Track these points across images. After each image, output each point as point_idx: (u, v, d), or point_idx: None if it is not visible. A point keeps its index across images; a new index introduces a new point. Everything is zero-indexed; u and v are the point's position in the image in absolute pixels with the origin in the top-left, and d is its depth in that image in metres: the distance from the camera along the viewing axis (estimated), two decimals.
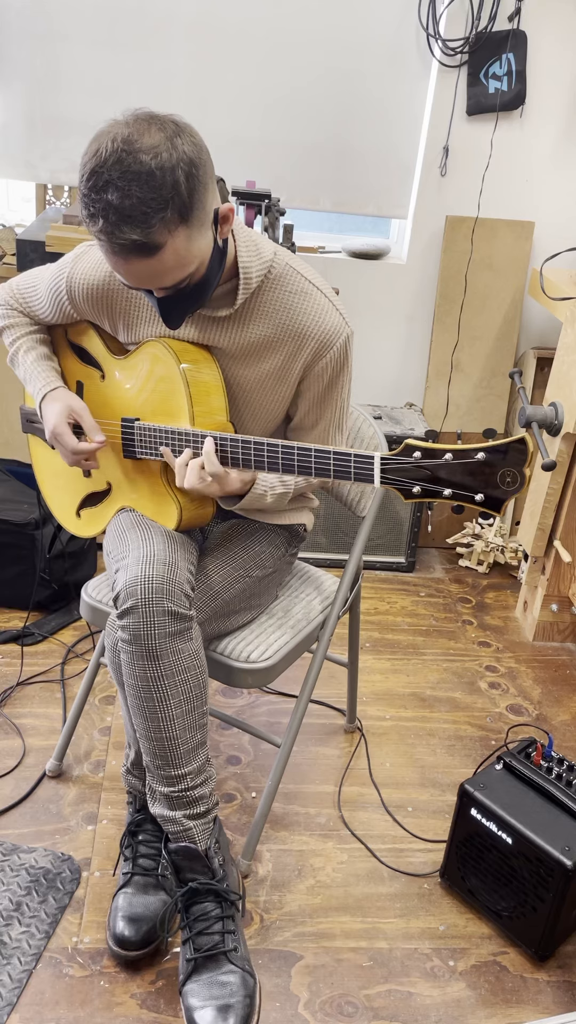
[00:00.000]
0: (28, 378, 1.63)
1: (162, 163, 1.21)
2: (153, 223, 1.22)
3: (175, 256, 1.28)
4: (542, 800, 1.67)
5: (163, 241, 1.25)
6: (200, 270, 1.34)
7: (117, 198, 1.21)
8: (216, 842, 1.54)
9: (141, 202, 1.21)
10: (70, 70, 2.63)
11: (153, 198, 1.21)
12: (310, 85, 2.68)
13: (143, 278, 1.31)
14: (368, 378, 3.02)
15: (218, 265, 1.38)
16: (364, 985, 1.59)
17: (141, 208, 1.21)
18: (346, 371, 1.55)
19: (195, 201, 1.25)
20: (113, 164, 1.20)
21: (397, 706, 2.30)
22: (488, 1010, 1.57)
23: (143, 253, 1.26)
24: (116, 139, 1.21)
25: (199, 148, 1.26)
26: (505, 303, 2.88)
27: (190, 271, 1.32)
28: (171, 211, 1.23)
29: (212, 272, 1.37)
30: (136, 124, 1.23)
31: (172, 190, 1.22)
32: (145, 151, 1.20)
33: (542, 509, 2.50)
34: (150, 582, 1.44)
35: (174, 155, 1.22)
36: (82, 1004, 1.51)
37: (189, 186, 1.23)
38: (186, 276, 1.32)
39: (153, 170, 1.20)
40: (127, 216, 1.22)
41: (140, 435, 1.54)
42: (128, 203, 1.21)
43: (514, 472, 1.23)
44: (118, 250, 1.26)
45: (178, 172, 1.22)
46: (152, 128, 1.22)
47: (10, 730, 2.09)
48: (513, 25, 2.61)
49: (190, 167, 1.23)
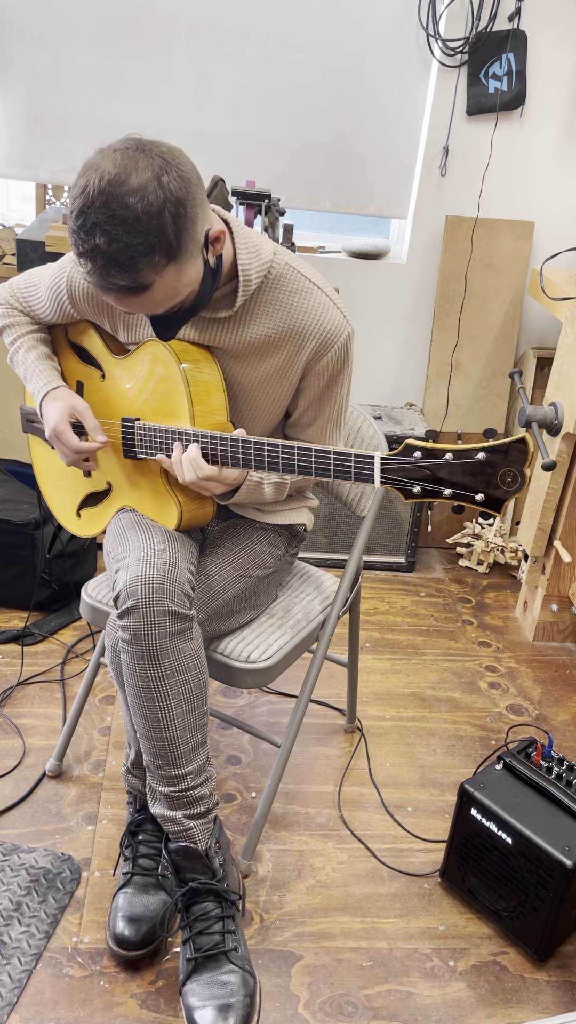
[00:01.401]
0: (28, 377, 1.63)
1: (148, 206, 1.21)
2: (140, 267, 1.24)
3: (164, 291, 1.30)
4: (542, 800, 1.67)
5: (151, 281, 1.27)
6: (191, 296, 1.36)
7: (104, 242, 1.22)
8: (216, 842, 1.54)
9: (128, 247, 1.22)
10: (70, 70, 2.63)
11: (139, 243, 1.22)
12: (310, 85, 2.68)
13: (135, 308, 1.34)
14: (368, 378, 3.02)
15: (211, 282, 1.39)
16: (364, 985, 1.59)
17: (128, 253, 1.23)
18: (346, 369, 1.55)
19: (182, 240, 1.26)
20: (100, 207, 1.21)
21: (397, 706, 2.30)
22: (488, 1010, 1.57)
23: (132, 293, 1.28)
24: (103, 178, 1.21)
25: (187, 182, 1.26)
26: (505, 303, 2.88)
27: (181, 299, 1.35)
28: (158, 255, 1.24)
29: (205, 290, 1.38)
30: (123, 161, 1.22)
31: (158, 234, 1.23)
32: (131, 193, 1.21)
33: (542, 509, 2.50)
34: (150, 582, 1.44)
35: (160, 195, 1.22)
36: (82, 1004, 1.51)
37: (176, 226, 1.24)
38: (177, 303, 1.35)
39: (139, 215, 1.21)
40: (114, 261, 1.23)
41: (140, 435, 1.54)
42: (115, 247, 1.22)
43: (514, 472, 1.23)
44: (106, 291, 1.29)
45: (165, 215, 1.23)
46: (140, 165, 1.22)
47: (10, 730, 2.09)
48: (513, 25, 2.61)
49: (177, 206, 1.24)
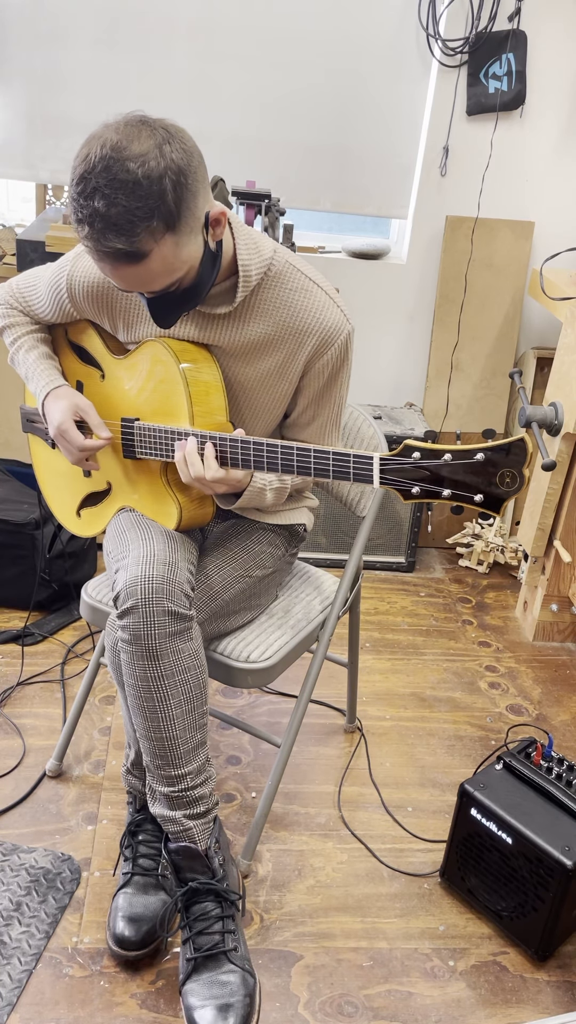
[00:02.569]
0: (30, 376, 1.63)
1: (149, 172, 1.21)
2: (138, 232, 1.23)
3: (162, 262, 1.29)
4: (542, 800, 1.67)
5: (149, 249, 1.26)
6: (190, 274, 1.35)
7: (103, 206, 1.22)
8: (216, 842, 1.54)
9: (127, 211, 1.22)
10: (70, 70, 2.63)
11: (139, 207, 1.22)
12: (310, 85, 2.68)
13: (131, 282, 1.32)
14: (368, 378, 3.02)
15: (210, 268, 1.38)
16: (364, 985, 1.59)
17: (127, 217, 1.22)
18: (346, 368, 1.55)
19: (182, 209, 1.26)
20: (101, 171, 1.21)
21: (397, 706, 2.30)
22: (488, 1010, 1.57)
23: (129, 260, 1.27)
24: (105, 145, 1.22)
25: (189, 154, 1.26)
26: (505, 303, 2.88)
27: (179, 276, 1.33)
28: (157, 220, 1.24)
29: (204, 275, 1.37)
30: (126, 129, 1.23)
31: (158, 199, 1.22)
32: (133, 159, 1.21)
33: (542, 509, 2.50)
34: (150, 582, 1.44)
35: (162, 163, 1.22)
36: (82, 1004, 1.51)
37: (176, 195, 1.24)
38: (175, 281, 1.34)
39: (140, 179, 1.21)
40: (113, 224, 1.23)
41: (140, 435, 1.54)
42: (114, 211, 1.22)
43: (513, 472, 1.23)
44: (103, 256, 1.28)
45: (165, 181, 1.22)
46: (142, 134, 1.23)
47: (10, 730, 2.09)
48: (513, 25, 2.61)
49: (178, 175, 1.24)
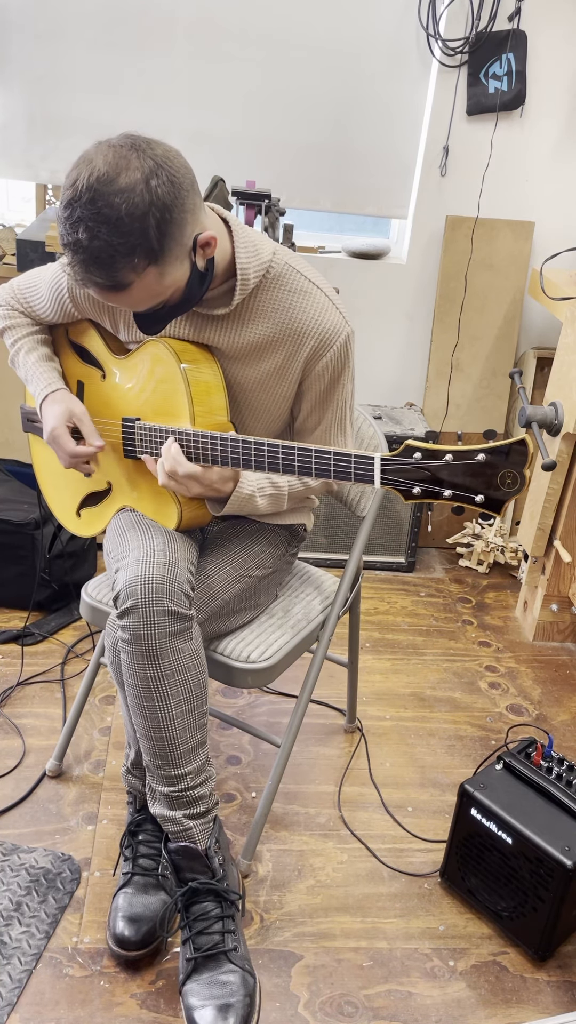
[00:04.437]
0: (29, 378, 1.63)
1: (132, 209, 1.22)
2: (118, 267, 1.25)
3: (145, 290, 1.31)
4: (542, 800, 1.67)
5: (129, 281, 1.28)
6: (176, 295, 1.37)
7: (86, 238, 1.23)
8: (216, 842, 1.54)
9: (108, 246, 1.23)
10: (70, 70, 2.63)
11: (120, 243, 1.23)
12: (310, 85, 2.68)
13: (116, 304, 1.35)
14: (368, 378, 3.02)
15: (198, 286, 1.39)
16: (364, 985, 1.59)
17: (108, 252, 1.23)
18: (347, 371, 1.55)
19: (166, 243, 1.27)
20: (87, 202, 1.22)
21: (397, 706, 2.30)
22: (488, 1010, 1.57)
23: (110, 290, 1.29)
24: (93, 174, 1.22)
25: (177, 187, 1.26)
26: (505, 303, 2.88)
27: (163, 299, 1.35)
28: (138, 257, 1.25)
29: (191, 292, 1.38)
30: (115, 159, 1.23)
31: (140, 236, 1.23)
32: (117, 193, 1.21)
33: (542, 509, 2.50)
34: (150, 582, 1.44)
35: (147, 198, 1.22)
36: (82, 1004, 1.51)
37: (160, 231, 1.25)
38: (160, 303, 1.35)
39: (122, 216, 1.22)
40: (94, 258, 1.24)
41: (141, 435, 1.54)
42: (96, 245, 1.23)
43: (514, 473, 1.23)
44: (85, 285, 1.30)
45: (148, 219, 1.23)
46: (131, 165, 1.22)
47: (10, 730, 2.09)
48: (513, 25, 2.61)
49: (163, 211, 1.24)
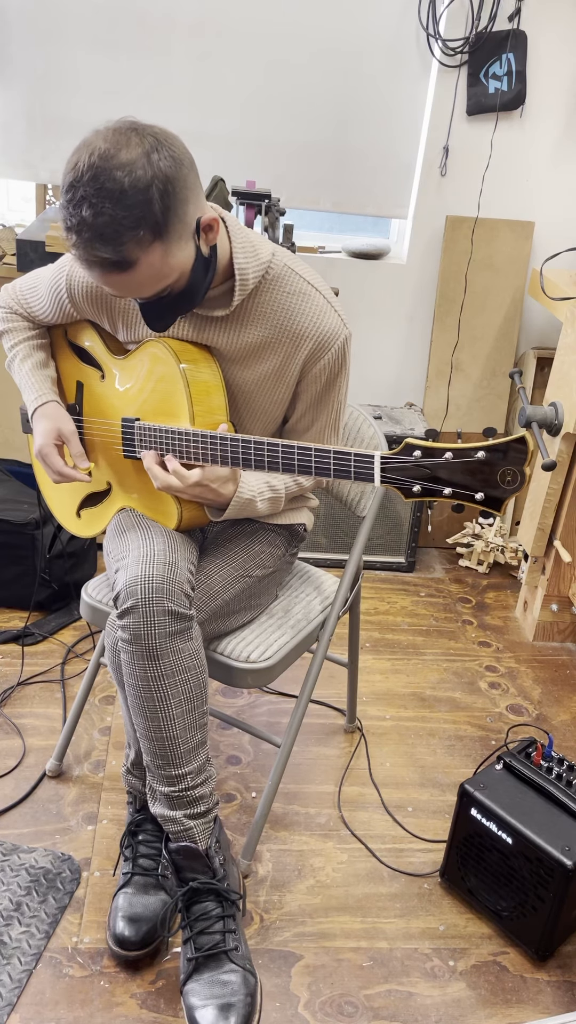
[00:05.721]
0: (23, 387, 1.65)
1: (136, 181, 1.21)
2: (124, 241, 1.24)
3: (150, 270, 1.29)
4: (542, 800, 1.66)
5: (136, 258, 1.26)
6: (181, 280, 1.35)
7: (91, 215, 1.22)
8: (216, 842, 1.54)
9: (113, 220, 1.22)
10: (70, 70, 2.63)
11: (125, 216, 1.22)
12: (310, 85, 2.68)
13: (120, 289, 1.33)
14: (368, 378, 3.02)
15: (203, 273, 1.38)
16: (364, 985, 1.59)
17: (113, 227, 1.23)
18: (344, 373, 1.55)
19: (170, 218, 1.26)
20: (89, 180, 1.22)
21: (397, 706, 2.30)
22: (488, 1010, 1.57)
23: (116, 269, 1.28)
24: (94, 153, 1.22)
25: (178, 162, 1.26)
26: (505, 303, 2.88)
27: (169, 282, 1.33)
28: (144, 229, 1.24)
29: (196, 280, 1.37)
30: (115, 137, 1.23)
31: (145, 208, 1.23)
32: (120, 168, 1.21)
33: (542, 509, 2.50)
34: (150, 582, 1.44)
35: (149, 172, 1.22)
36: (82, 1004, 1.51)
37: (164, 204, 1.24)
38: (165, 287, 1.34)
39: (126, 188, 1.21)
40: (99, 234, 1.23)
41: (140, 435, 1.54)
42: (100, 221, 1.22)
43: (514, 471, 1.23)
44: (91, 265, 1.28)
45: (152, 191, 1.23)
46: (131, 142, 1.23)
47: (10, 730, 2.09)
48: (513, 25, 2.61)
49: (166, 184, 1.24)
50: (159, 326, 1.42)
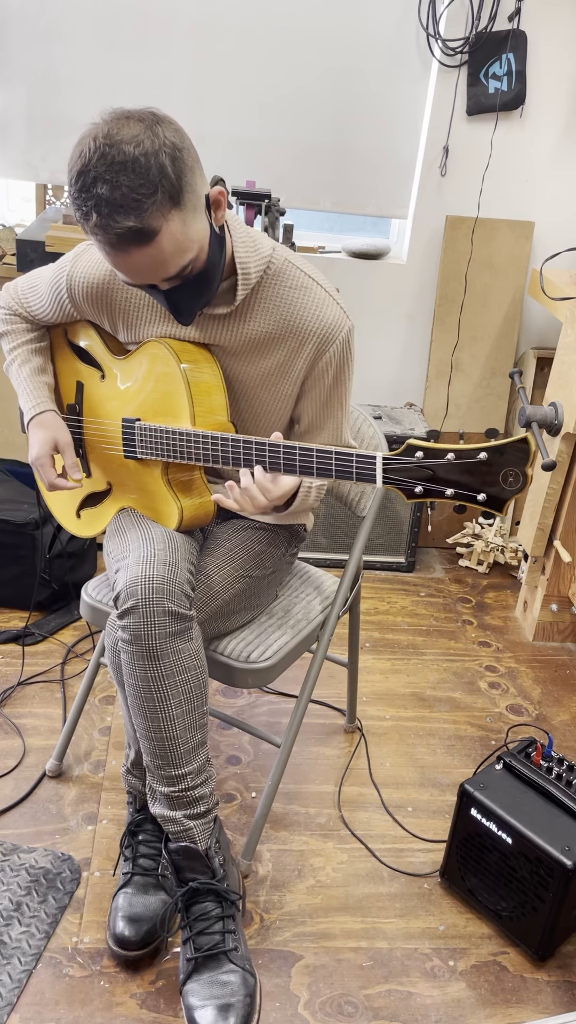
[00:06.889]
0: (20, 392, 1.65)
1: (145, 150, 1.22)
2: (146, 207, 1.23)
3: (173, 241, 1.28)
4: (542, 800, 1.67)
5: (158, 226, 1.25)
6: (201, 256, 1.34)
7: (107, 190, 1.22)
8: (216, 842, 1.54)
9: (131, 190, 1.22)
10: (70, 70, 2.63)
11: (142, 183, 1.22)
12: (310, 85, 2.67)
13: (145, 271, 1.31)
14: (368, 378, 3.02)
15: (219, 250, 1.38)
16: (364, 985, 1.59)
17: (132, 195, 1.22)
18: (348, 366, 1.55)
19: (184, 183, 1.26)
20: (98, 160, 1.22)
21: (397, 706, 2.30)
22: (488, 1010, 1.57)
23: (140, 241, 1.26)
24: (97, 138, 1.23)
25: (180, 134, 1.27)
26: (505, 303, 2.88)
27: (191, 256, 1.32)
28: (161, 194, 1.24)
29: (214, 259, 1.37)
30: (114, 120, 1.24)
31: (159, 173, 1.23)
32: (127, 142, 1.22)
33: (542, 509, 2.50)
34: (150, 582, 1.43)
35: (156, 141, 1.23)
36: (82, 1004, 1.51)
37: (176, 168, 1.25)
38: (188, 262, 1.32)
39: (137, 156, 1.22)
40: (119, 206, 1.23)
41: (141, 435, 1.54)
42: (118, 193, 1.22)
43: (516, 471, 1.23)
44: (115, 241, 1.26)
45: (162, 156, 1.23)
46: (131, 121, 1.24)
47: (10, 730, 2.09)
48: (513, 25, 2.61)
49: (174, 151, 1.25)
50: (186, 316, 1.40)
